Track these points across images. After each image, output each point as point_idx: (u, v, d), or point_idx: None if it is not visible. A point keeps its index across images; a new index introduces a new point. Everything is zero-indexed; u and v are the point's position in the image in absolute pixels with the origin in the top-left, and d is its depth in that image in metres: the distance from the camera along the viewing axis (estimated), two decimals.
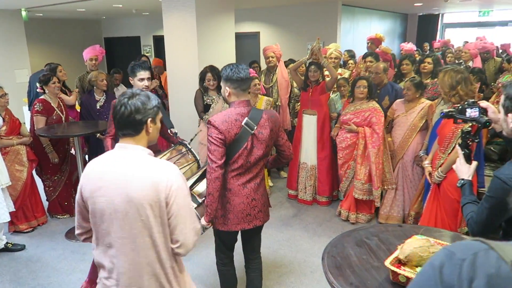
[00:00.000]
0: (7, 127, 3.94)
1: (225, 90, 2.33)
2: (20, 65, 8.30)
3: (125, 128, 1.60)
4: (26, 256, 3.71)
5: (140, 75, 3.11)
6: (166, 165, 1.61)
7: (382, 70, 4.33)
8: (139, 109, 1.58)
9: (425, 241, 1.62)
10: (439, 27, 13.05)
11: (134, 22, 11.79)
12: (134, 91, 1.63)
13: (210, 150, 2.25)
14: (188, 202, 1.63)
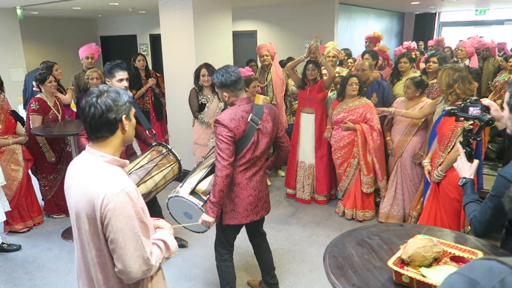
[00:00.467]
0: (3, 126, 3.89)
1: (223, 96, 2.43)
2: (15, 63, 8.22)
3: (98, 130, 1.46)
4: (21, 257, 3.67)
5: (119, 76, 3.08)
6: (110, 181, 1.41)
7: (367, 67, 4.33)
8: (110, 107, 1.43)
9: (428, 240, 1.60)
10: (435, 26, 13.07)
11: (130, 20, 11.72)
12: (102, 88, 1.49)
13: (221, 149, 2.31)
14: (131, 226, 1.39)
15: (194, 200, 2.42)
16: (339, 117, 4.12)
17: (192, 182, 2.51)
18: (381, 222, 4.07)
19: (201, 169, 2.62)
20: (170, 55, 5.13)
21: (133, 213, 1.40)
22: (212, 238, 3.78)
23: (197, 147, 4.37)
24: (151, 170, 2.97)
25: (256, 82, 4.43)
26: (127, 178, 1.48)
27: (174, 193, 2.50)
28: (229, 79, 2.36)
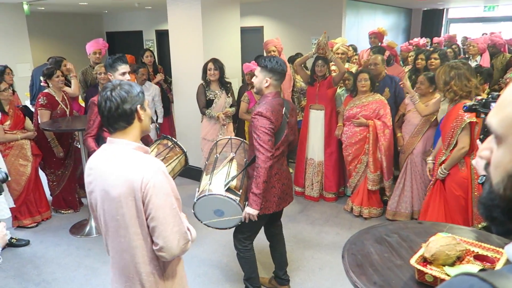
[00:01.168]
0: (12, 121, 3.88)
1: (265, 80, 2.44)
2: (22, 59, 8.22)
3: (116, 122, 1.53)
4: (30, 252, 3.66)
5: (121, 69, 3.06)
6: (145, 162, 1.50)
7: (380, 61, 4.28)
8: (125, 99, 1.51)
9: (451, 239, 1.55)
10: (443, 22, 12.93)
11: (136, 16, 11.68)
12: (114, 82, 1.56)
13: (264, 141, 2.35)
14: (170, 202, 1.48)
15: (232, 196, 2.42)
16: (351, 112, 4.07)
17: (221, 178, 2.48)
18: (388, 220, 4.03)
19: (224, 164, 2.59)
20: (178, 51, 5.09)
21: (169, 190, 1.49)
22: (218, 235, 3.77)
23: (205, 142, 4.34)
24: None
25: None
26: (158, 160, 1.57)
27: (207, 192, 2.45)
28: (279, 68, 2.42)
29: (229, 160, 2.62)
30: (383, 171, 4.07)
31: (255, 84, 2.52)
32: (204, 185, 2.53)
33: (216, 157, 2.72)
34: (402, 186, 4.02)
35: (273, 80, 2.44)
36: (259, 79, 2.47)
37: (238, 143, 2.85)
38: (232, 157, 2.65)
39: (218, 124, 4.25)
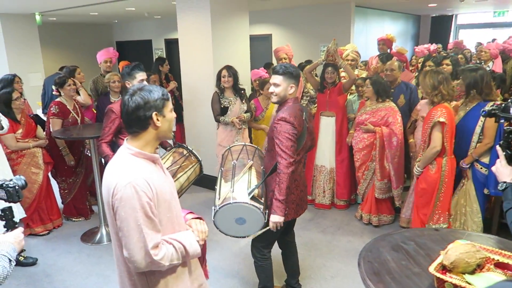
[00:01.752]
0: (23, 129, 3.92)
1: (290, 87, 2.45)
2: (34, 68, 8.33)
3: (130, 126, 1.56)
4: (42, 260, 3.66)
5: (139, 77, 3.11)
6: (123, 171, 1.51)
7: (397, 67, 4.25)
8: (139, 105, 1.52)
9: (470, 246, 1.52)
10: (452, 28, 12.87)
11: (145, 25, 11.81)
12: (138, 86, 1.59)
13: (287, 147, 2.34)
14: (135, 218, 1.46)
15: (256, 205, 2.39)
16: (361, 118, 4.04)
17: (243, 186, 2.45)
18: (402, 227, 3.97)
19: (244, 172, 2.57)
20: (188, 59, 5.12)
21: (137, 206, 1.46)
22: (229, 242, 3.75)
23: (221, 149, 4.34)
24: (176, 172, 2.98)
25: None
26: (144, 171, 1.52)
27: (231, 200, 2.39)
28: (298, 73, 2.48)
29: (248, 167, 2.60)
30: (391, 179, 3.98)
31: (277, 93, 2.47)
32: (225, 192, 2.48)
33: (234, 164, 2.69)
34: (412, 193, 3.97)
35: (295, 85, 2.47)
36: (283, 87, 2.44)
37: (253, 150, 2.83)
38: (251, 164, 2.64)
39: (234, 131, 4.26)
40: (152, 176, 1.53)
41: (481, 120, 3.12)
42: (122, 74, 3.16)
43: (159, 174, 1.61)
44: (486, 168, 3.13)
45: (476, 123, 3.15)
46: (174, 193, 1.69)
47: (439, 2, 8.88)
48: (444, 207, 3.19)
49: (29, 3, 6.69)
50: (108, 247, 3.86)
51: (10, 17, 7.92)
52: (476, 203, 3.23)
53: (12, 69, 7.62)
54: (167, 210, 1.59)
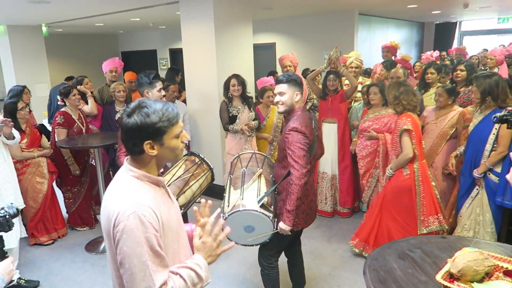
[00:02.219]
0: (28, 139, 3.94)
1: (295, 94, 2.43)
2: (40, 79, 8.42)
3: (126, 146, 1.38)
4: (46, 269, 3.66)
5: (159, 86, 3.12)
6: (126, 198, 1.31)
7: (402, 74, 4.25)
8: (133, 129, 1.32)
9: (478, 254, 1.49)
10: (456, 35, 12.87)
11: (150, 35, 11.92)
12: (140, 103, 1.35)
13: (299, 156, 2.31)
14: (139, 253, 1.26)
15: (266, 213, 2.38)
16: (364, 125, 4.03)
17: (253, 193, 2.45)
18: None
19: (253, 180, 2.56)
20: (192, 68, 5.14)
21: (142, 239, 1.26)
22: (233, 250, 3.72)
23: (230, 157, 4.34)
24: (188, 180, 2.99)
25: (270, 92, 4.42)
26: (149, 198, 1.34)
27: (241, 207, 2.39)
28: (300, 80, 2.46)
29: (258, 175, 2.59)
30: None
31: (284, 101, 2.43)
32: (235, 199, 2.48)
33: (243, 171, 2.68)
34: None
35: (301, 93, 2.45)
36: (289, 95, 2.41)
37: (262, 158, 2.82)
38: (261, 172, 2.61)
39: (243, 139, 4.27)
40: (158, 203, 1.35)
41: (495, 128, 3.05)
42: (141, 83, 3.12)
43: (164, 199, 1.43)
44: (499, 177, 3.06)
45: (490, 130, 3.09)
46: (180, 220, 1.51)
47: (443, 9, 8.89)
48: (431, 210, 3.22)
49: (36, 15, 6.78)
50: None
51: (17, 28, 8.03)
52: (489, 212, 3.15)
53: (19, 79, 7.71)
54: (174, 241, 1.40)
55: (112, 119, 4.60)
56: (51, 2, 5.36)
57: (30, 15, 6.71)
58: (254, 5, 5.88)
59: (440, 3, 7.79)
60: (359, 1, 6.95)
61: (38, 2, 5.33)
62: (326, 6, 7.35)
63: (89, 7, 6.20)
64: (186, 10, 4.99)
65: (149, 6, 6.14)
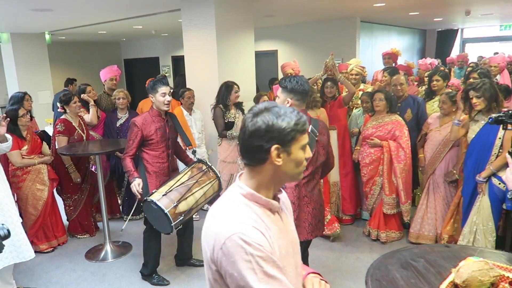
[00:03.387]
0: (29, 146, 3.93)
1: (286, 101, 2.39)
2: (43, 86, 8.46)
3: (243, 155, 1.20)
4: (46, 278, 3.62)
5: (161, 90, 3.13)
6: (230, 217, 1.13)
7: (404, 81, 4.22)
8: (259, 131, 1.14)
9: (483, 263, 1.45)
10: (458, 42, 12.87)
11: (153, 43, 11.98)
12: (267, 105, 1.19)
13: None
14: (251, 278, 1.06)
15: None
16: (367, 132, 3.99)
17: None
18: (411, 243, 3.87)
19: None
20: (194, 75, 5.14)
21: (251, 250, 1.08)
22: None
23: (225, 165, 4.34)
24: (191, 187, 2.97)
25: (265, 97, 4.46)
26: (255, 220, 1.14)
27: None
28: (300, 88, 2.37)
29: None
30: (399, 194, 3.88)
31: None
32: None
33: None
34: (424, 208, 3.88)
35: (294, 100, 2.39)
36: (280, 100, 2.42)
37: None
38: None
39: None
40: (266, 227, 1.15)
41: (500, 132, 3.02)
42: (147, 88, 3.17)
43: (277, 226, 1.21)
44: (504, 184, 3.02)
45: (495, 135, 3.05)
46: (297, 255, 1.31)
47: (445, 16, 8.90)
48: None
49: (39, 23, 6.83)
50: (112, 264, 3.81)
51: (21, 36, 8.09)
52: (491, 221, 3.07)
53: (22, 87, 7.74)
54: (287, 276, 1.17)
55: (113, 126, 4.59)
56: (54, 10, 5.40)
57: (33, 23, 6.76)
58: (256, 12, 5.90)
59: (442, 10, 7.80)
60: (361, 9, 6.97)
61: (41, 10, 5.37)
62: (328, 13, 7.38)
63: (92, 15, 6.24)
64: (188, 18, 5.00)
65: (152, 14, 6.18)
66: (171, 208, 2.87)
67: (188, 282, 3.45)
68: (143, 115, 3.24)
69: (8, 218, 2.96)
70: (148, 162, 3.21)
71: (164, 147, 3.23)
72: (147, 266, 3.45)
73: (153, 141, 3.17)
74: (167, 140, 3.25)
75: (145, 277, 3.47)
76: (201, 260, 3.70)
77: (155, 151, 3.20)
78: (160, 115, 3.23)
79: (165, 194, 2.92)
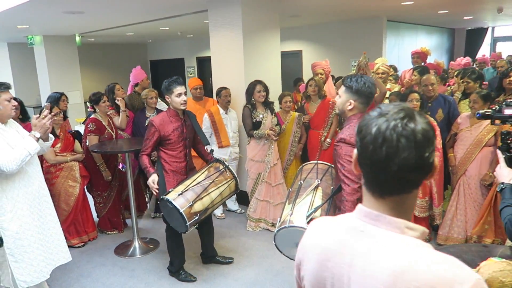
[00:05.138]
0: (62, 144, 4.06)
1: (348, 103, 2.20)
2: (73, 87, 8.70)
3: (385, 182, 0.87)
4: (77, 271, 3.73)
5: (177, 91, 3.14)
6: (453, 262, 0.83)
7: (434, 81, 4.12)
8: (422, 145, 0.83)
9: (505, 264, 1.40)
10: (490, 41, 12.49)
11: (178, 44, 12.15)
12: (403, 105, 0.89)
13: (349, 171, 2.08)
14: None
15: None
16: None
17: (304, 208, 2.31)
18: (440, 245, 3.78)
19: (307, 193, 2.44)
20: (220, 76, 5.18)
21: None
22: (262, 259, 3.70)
23: (253, 164, 4.35)
24: (208, 187, 2.96)
25: (288, 97, 4.46)
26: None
27: (288, 223, 2.30)
28: (368, 90, 2.17)
29: (313, 188, 2.44)
30: (432, 196, 3.79)
31: (337, 105, 2.28)
32: (285, 215, 2.38)
33: (300, 183, 2.55)
34: (454, 209, 3.78)
35: (358, 103, 2.18)
36: (342, 100, 2.23)
37: (325, 169, 2.61)
38: (317, 184, 2.45)
39: (267, 145, 4.26)
40: None
41: None
42: (162, 89, 3.23)
43: None
44: None
45: None
46: None
47: (475, 14, 8.65)
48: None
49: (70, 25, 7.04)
50: (140, 260, 3.89)
51: (53, 38, 8.35)
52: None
53: (54, 87, 8.00)
54: None
55: (142, 124, 4.69)
56: (85, 12, 5.55)
57: (64, 25, 6.97)
58: (282, 12, 5.89)
59: (472, 7, 7.58)
60: (388, 8, 6.86)
61: (72, 13, 5.53)
62: (354, 13, 7.29)
63: (120, 17, 6.39)
64: (215, 18, 5.06)
65: (178, 15, 6.27)
66: (186, 207, 2.89)
67: (214, 279, 3.48)
68: (161, 115, 3.27)
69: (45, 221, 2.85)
70: (165, 161, 3.25)
71: (182, 147, 3.26)
72: (173, 264, 3.50)
73: (171, 141, 3.21)
74: (184, 140, 3.27)
75: (172, 273, 3.53)
76: (227, 257, 3.74)
77: (172, 150, 3.24)
78: (178, 115, 3.25)
79: (181, 194, 2.94)
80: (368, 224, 0.91)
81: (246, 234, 4.33)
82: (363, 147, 0.89)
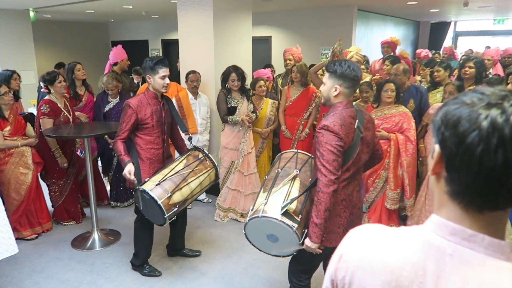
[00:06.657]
0: (12, 127, 3.69)
1: (334, 88, 2.06)
2: (27, 66, 8.10)
3: (494, 193, 0.66)
4: (29, 266, 3.43)
5: (162, 72, 2.92)
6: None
7: (402, 71, 4.05)
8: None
9: None
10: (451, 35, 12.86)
11: (142, 25, 11.63)
12: (500, 93, 0.66)
13: (328, 161, 1.95)
14: None
15: (288, 222, 2.09)
16: None
17: (279, 199, 2.17)
18: None
19: (285, 183, 2.28)
20: (188, 59, 4.92)
21: None
22: (237, 250, 3.56)
23: (227, 151, 4.17)
24: (187, 177, 2.81)
25: (262, 82, 4.33)
26: None
27: (261, 213, 2.15)
28: (352, 73, 2.02)
29: (291, 178, 2.29)
30: (404, 188, 3.78)
31: (322, 93, 2.13)
32: (259, 204, 2.23)
33: (278, 172, 2.39)
34: (423, 200, 3.79)
35: (343, 88, 2.05)
36: (326, 87, 2.09)
37: (305, 159, 2.47)
38: (296, 174, 2.31)
39: (242, 132, 4.09)
40: None
41: None
42: (144, 67, 2.94)
43: None
44: None
45: None
46: None
47: (442, 7, 8.80)
48: None
49: None
50: (100, 253, 3.64)
51: (3, 12, 7.70)
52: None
53: (4, 66, 7.38)
54: None
55: (100, 109, 4.38)
56: None
57: None
58: None
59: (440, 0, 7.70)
60: None
61: None
62: (326, 0, 7.20)
63: None
64: None
65: None
66: (165, 199, 2.70)
67: (181, 273, 3.30)
68: (138, 97, 3.01)
69: None
70: (141, 148, 3.01)
71: (159, 132, 3.03)
72: (137, 257, 3.29)
73: (148, 125, 2.97)
74: (162, 125, 3.05)
75: (135, 267, 3.32)
76: (194, 250, 3.57)
77: (149, 136, 3.00)
78: (157, 98, 3.02)
79: (159, 184, 2.75)
80: (458, 245, 0.70)
81: (214, 225, 4.17)
82: (465, 147, 0.65)
